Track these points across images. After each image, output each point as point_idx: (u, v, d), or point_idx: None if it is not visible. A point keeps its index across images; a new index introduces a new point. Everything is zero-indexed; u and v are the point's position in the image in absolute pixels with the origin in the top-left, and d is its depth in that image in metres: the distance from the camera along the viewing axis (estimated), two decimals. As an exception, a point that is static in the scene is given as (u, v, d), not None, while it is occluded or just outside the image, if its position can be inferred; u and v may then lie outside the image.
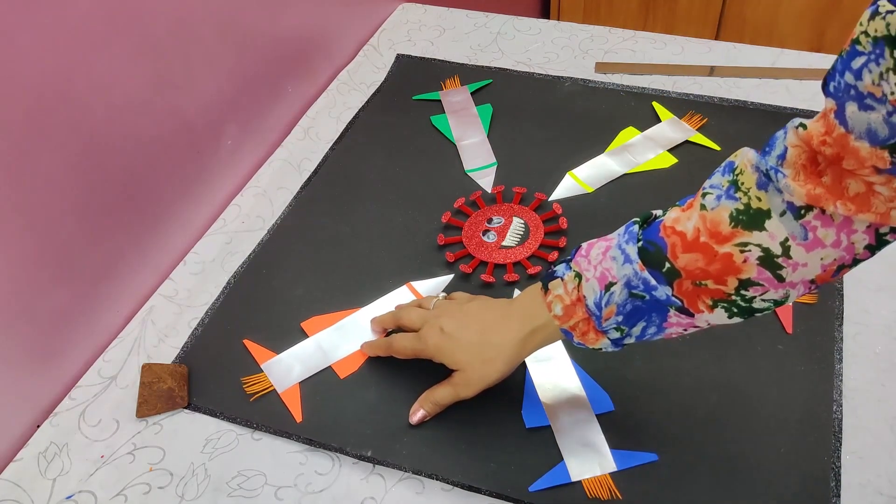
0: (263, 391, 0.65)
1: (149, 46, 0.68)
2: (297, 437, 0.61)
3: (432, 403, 0.61)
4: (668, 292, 0.49)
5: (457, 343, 0.59)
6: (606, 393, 0.62)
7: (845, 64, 0.40)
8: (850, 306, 0.68)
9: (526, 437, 0.60)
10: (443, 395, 0.60)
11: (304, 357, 0.67)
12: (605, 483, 0.57)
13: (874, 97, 0.39)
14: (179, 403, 0.64)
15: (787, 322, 0.66)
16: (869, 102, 0.39)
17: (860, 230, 0.44)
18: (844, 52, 0.40)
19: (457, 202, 0.80)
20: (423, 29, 1.09)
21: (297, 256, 0.76)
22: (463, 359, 0.59)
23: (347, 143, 0.89)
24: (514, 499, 0.57)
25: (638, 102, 0.91)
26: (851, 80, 0.40)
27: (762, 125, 0.86)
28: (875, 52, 0.38)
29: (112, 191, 0.68)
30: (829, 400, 0.61)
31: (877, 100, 0.39)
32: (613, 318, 0.51)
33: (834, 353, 0.64)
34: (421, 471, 0.59)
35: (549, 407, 0.62)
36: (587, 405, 0.62)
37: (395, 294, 0.72)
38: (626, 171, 0.83)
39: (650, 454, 0.58)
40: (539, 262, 0.74)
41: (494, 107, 0.92)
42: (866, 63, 0.38)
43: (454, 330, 0.59)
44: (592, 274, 0.52)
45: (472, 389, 0.59)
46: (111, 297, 0.70)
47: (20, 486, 0.60)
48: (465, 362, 0.59)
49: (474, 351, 0.58)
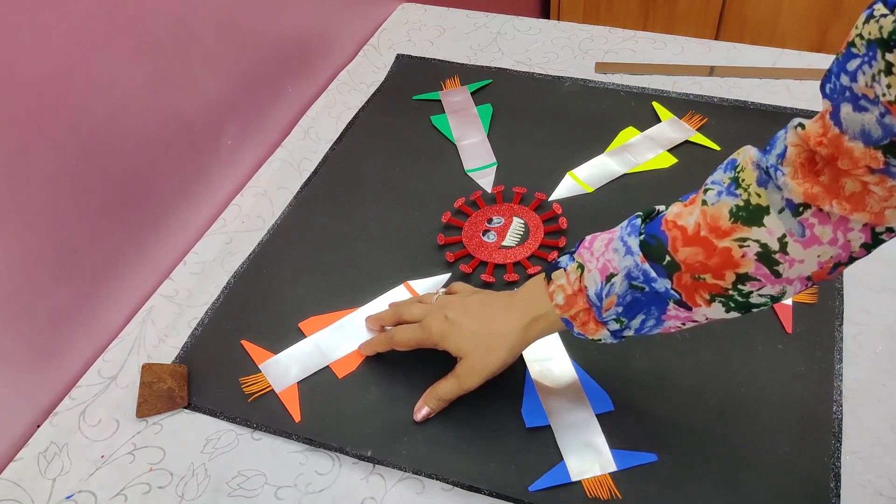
0: (262, 391, 0.65)
1: (149, 46, 0.68)
2: (297, 437, 0.61)
3: (436, 399, 0.61)
4: (667, 285, 0.50)
5: (460, 330, 0.59)
6: (606, 393, 0.62)
7: (841, 66, 0.40)
8: (850, 306, 0.68)
9: (526, 436, 0.60)
10: (447, 390, 0.60)
11: (302, 357, 0.67)
12: (605, 483, 0.57)
13: (868, 98, 0.39)
14: (179, 403, 0.64)
15: (786, 322, 0.66)
16: (863, 104, 0.40)
17: (856, 228, 0.44)
18: (840, 54, 0.41)
19: (457, 202, 0.80)
20: (422, 29, 1.09)
21: (297, 256, 0.76)
22: (466, 346, 0.59)
23: (347, 143, 0.89)
24: (514, 499, 0.57)
25: (638, 102, 0.91)
26: (847, 81, 0.40)
27: (762, 125, 0.86)
28: (868, 54, 0.38)
29: (112, 191, 0.68)
30: (829, 400, 0.61)
31: (870, 101, 0.39)
32: (613, 308, 0.52)
33: (834, 353, 0.64)
34: (421, 471, 0.59)
35: (549, 407, 0.62)
36: (587, 405, 0.62)
37: (392, 293, 0.72)
38: (626, 171, 0.83)
39: (650, 454, 0.58)
40: (539, 262, 0.74)
41: (494, 107, 0.92)
42: (861, 65, 0.39)
43: (457, 317, 0.60)
44: (594, 265, 0.52)
45: (476, 379, 0.59)
46: (111, 297, 0.70)
47: (20, 485, 0.60)
48: (469, 349, 0.59)
49: (477, 338, 0.59)
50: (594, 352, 0.64)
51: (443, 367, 0.61)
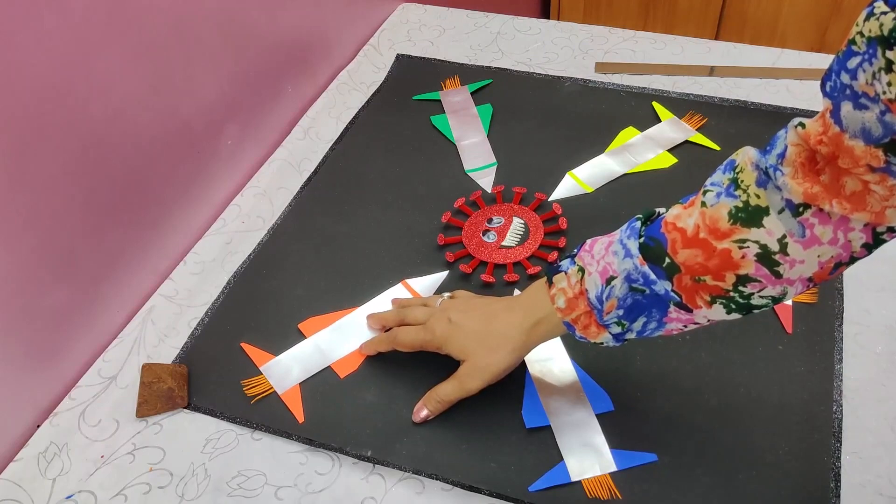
0: (264, 393, 0.65)
1: (149, 46, 0.68)
2: (297, 438, 0.61)
3: (436, 401, 0.61)
4: (667, 287, 0.50)
5: (463, 331, 0.60)
6: (606, 393, 0.62)
7: (841, 64, 0.40)
8: (850, 306, 0.68)
9: (526, 437, 0.60)
10: (447, 392, 0.60)
11: (303, 358, 0.67)
12: (605, 483, 0.57)
13: (868, 96, 0.39)
14: (179, 403, 0.64)
15: (787, 322, 0.66)
16: (863, 102, 0.39)
17: (857, 228, 0.44)
18: (841, 52, 0.41)
19: (457, 202, 0.80)
20: (423, 29, 1.09)
21: (297, 257, 0.76)
22: (469, 346, 0.59)
23: (347, 143, 0.89)
24: (514, 499, 0.57)
25: (638, 102, 0.91)
26: (847, 79, 0.40)
27: (762, 125, 0.86)
28: (869, 52, 0.38)
29: (112, 191, 0.68)
30: (829, 400, 0.61)
31: (870, 99, 0.39)
32: (614, 311, 0.52)
33: (834, 353, 0.64)
34: (421, 471, 0.59)
35: (550, 407, 0.62)
36: (587, 405, 0.62)
37: (391, 292, 0.72)
38: (626, 171, 0.83)
39: (650, 454, 0.58)
40: (539, 263, 0.74)
41: (494, 107, 0.92)
42: (861, 63, 0.39)
43: (461, 319, 0.60)
44: (595, 268, 0.52)
45: (478, 380, 0.59)
46: (111, 297, 0.70)
47: (21, 486, 0.60)
48: (472, 351, 0.59)
49: (480, 337, 0.59)
50: (594, 352, 0.64)
51: (443, 370, 0.61)
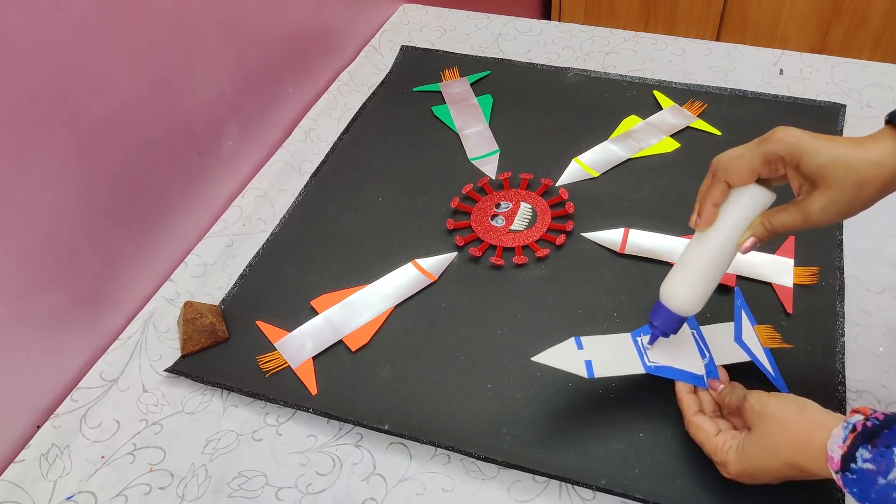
0: (278, 368, 0.66)
1: (149, 46, 0.68)
2: (314, 411, 0.62)
3: (766, 229, 0.52)
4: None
5: (830, 151, 0.48)
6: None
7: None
8: (851, 308, 0.68)
9: (541, 408, 0.61)
10: (783, 221, 0.50)
11: (315, 333, 0.69)
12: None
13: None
14: (221, 337, 0.67)
15: (787, 304, 0.67)
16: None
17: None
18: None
19: (465, 188, 0.82)
20: (424, 30, 1.09)
21: (308, 244, 0.78)
22: (830, 174, 0.48)
23: (355, 133, 0.91)
24: (530, 469, 0.57)
25: (639, 91, 0.93)
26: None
27: (761, 112, 0.88)
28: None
29: (112, 192, 0.68)
30: (830, 400, 0.61)
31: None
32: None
33: (835, 354, 0.64)
34: (438, 443, 0.59)
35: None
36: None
37: (401, 271, 0.74)
38: (630, 155, 0.84)
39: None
40: (547, 245, 0.75)
41: (495, 97, 0.94)
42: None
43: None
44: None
45: (832, 214, 0.49)
46: (112, 299, 0.70)
47: (22, 487, 0.59)
48: (832, 177, 0.48)
49: (846, 169, 0.48)
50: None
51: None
